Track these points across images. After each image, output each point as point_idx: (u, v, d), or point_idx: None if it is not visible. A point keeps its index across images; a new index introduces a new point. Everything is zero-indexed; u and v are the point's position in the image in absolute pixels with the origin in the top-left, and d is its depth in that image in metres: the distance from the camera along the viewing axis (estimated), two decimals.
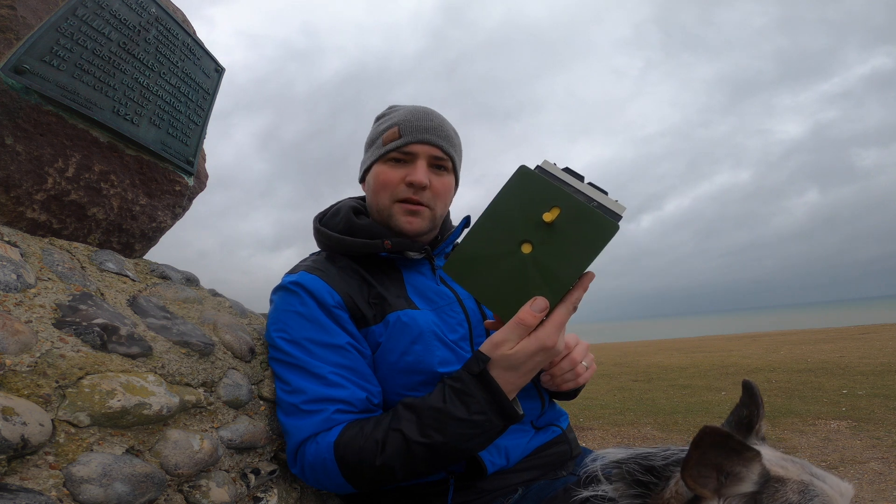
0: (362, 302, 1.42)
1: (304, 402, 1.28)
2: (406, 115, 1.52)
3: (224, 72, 2.14)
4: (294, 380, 1.32)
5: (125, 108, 1.59)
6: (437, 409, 1.15)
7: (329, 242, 1.56)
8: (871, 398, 6.41)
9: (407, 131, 1.50)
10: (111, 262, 1.42)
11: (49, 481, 0.83)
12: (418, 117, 1.52)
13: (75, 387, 0.92)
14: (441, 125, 1.54)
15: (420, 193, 1.50)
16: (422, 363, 1.37)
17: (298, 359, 1.33)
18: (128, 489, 0.91)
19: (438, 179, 1.55)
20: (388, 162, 1.52)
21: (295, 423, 1.29)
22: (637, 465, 0.84)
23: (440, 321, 1.46)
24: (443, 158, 1.54)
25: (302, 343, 1.34)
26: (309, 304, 1.37)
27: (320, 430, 1.25)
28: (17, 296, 1.00)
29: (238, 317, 1.65)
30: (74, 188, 1.46)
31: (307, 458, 1.25)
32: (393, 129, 1.52)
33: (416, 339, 1.39)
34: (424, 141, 1.50)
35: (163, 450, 1.03)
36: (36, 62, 1.34)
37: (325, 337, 1.34)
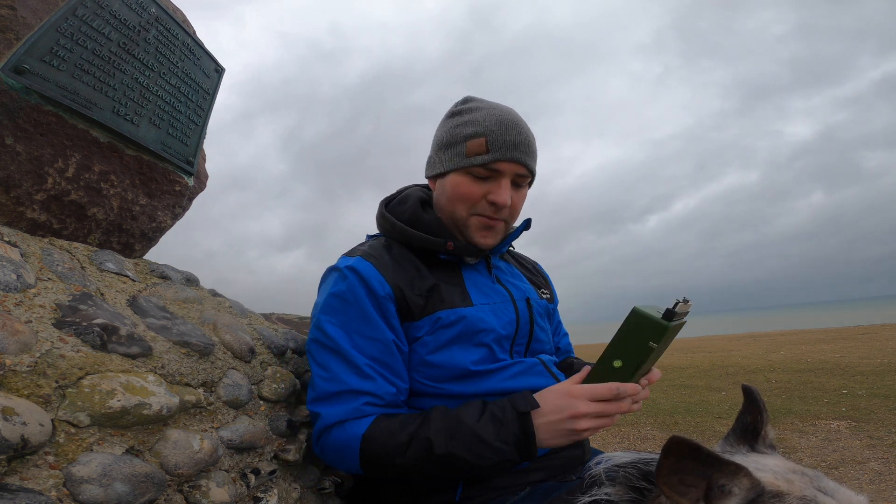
0: (412, 295, 1.40)
1: (338, 391, 1.30)
2: (493, 125, 1.44)
3: (224, 72, 2.14)
4: (333, 366, 1.33)
5: (125, 108, 1.59)
6: (469, 425, 1.21)
7: (392, 231, 1.54)
8: (871, 398, 6.41)
9: (495, 147, 1.42)
10: (111, 262, 1.42)
11: (49, 481, 0.83)
12: (506, 129, 1.43)
13: (75, 387, 0.92)
14: (528, 139, 1.47)
15: (500, 212, 1.47)
16: (455, 360, 1.39)
17: (340, 346, 1.33)
18: (128, 489, 0.91)
19: (517, 194, 1.50)
20: (471, 175, 1.46)
21: (326, 409, 1.31)
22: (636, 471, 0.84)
23: (494, 317, 1.47)
24: (526, 176, 1.49)
25: (346, 331, 1.35)
26: (359, 292, 1.36)
27: (349, 418, 1.28)
28: (17, 296, 1.00)
29: (238, 317, 1.65)
30: (74, 188, 1.46)
31: (331, 440, 1.29)
32: (480, 140, 1.43)
33: (456, 339, 1.40)
34: (513, 160, 1.42)
35: (163, 450, 1.03)
36: (36, 62, 1.34)
37: (367, 329, 1.34)
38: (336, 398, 1.31)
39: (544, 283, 1.84)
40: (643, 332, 1.19)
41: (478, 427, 1.21)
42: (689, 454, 0.70)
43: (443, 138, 1.54)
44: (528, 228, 1.63)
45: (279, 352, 1.62)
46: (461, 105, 1.56)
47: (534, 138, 1.50)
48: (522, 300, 1.57)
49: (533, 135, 1.50)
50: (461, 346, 1.41)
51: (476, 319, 1.43)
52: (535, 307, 1.60)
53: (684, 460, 0.70)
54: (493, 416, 1.22)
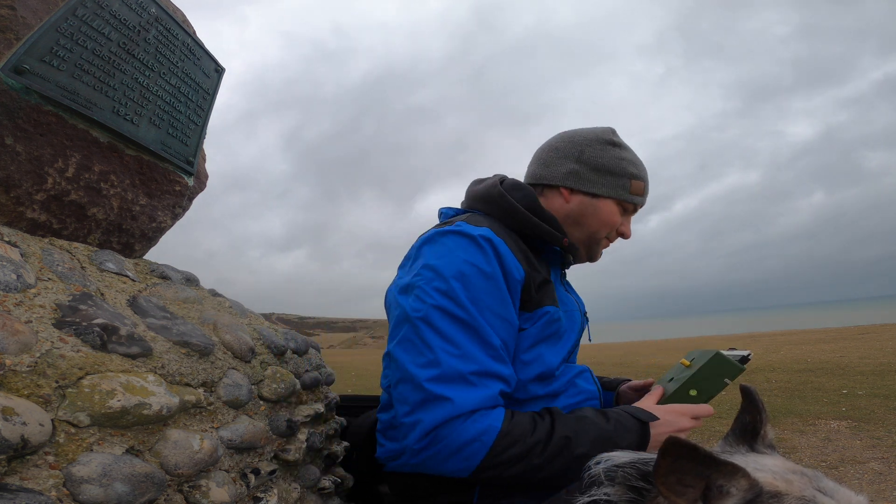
0: (533, 284, 1.37)
1: (474, 373, 1.18)
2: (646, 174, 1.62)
3: (224, 72, 2.15)
4: (465, 343, 1.20)
5: (125, 109, 1.59)
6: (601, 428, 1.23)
7: (510, 213, 1.48)
8: (870, 398, 6.41)
9: (646, 193, 1.63)
10: (111, 262, 1.42)
11: (49, 481, 0.83)
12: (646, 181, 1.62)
13: (75, 387, 0.92)
14: None
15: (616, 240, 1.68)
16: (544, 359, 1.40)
17: (476, 320, 1.21)
18: (128, 489, 0.91)
19: None
20: (622, 207, 1.61)
21: (458, 393, 1.16)
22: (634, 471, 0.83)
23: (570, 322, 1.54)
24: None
25: (480, 307, 1.23)
26: (495, 266, 1.28)
27: (484, 406, 1.17)
28: (17, 296, 1.00)
29: (238, 317, 1.65)
30: (74, 188, 1.46)
31: (458, 431, 1.14)
32: (641, 183, 1.60)
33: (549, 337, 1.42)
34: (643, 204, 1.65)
35: (163, 450, 1.03)
36: (36, 62, 1.34)
37: (502, 309, 1.26)
38: (470, 380, 1.18)
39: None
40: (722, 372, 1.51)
41: (612, 433, 1.21)
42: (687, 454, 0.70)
43: (603, 164, 1.58)
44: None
45: (279, 352, 1.62)
46: (615, 137, 1.63)
47: None
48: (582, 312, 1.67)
49: None
50: (550, 345, 1.42)
51: (567, 322, 1.49)
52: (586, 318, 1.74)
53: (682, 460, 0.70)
54: (619, 422, 1.25)
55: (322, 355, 2.03)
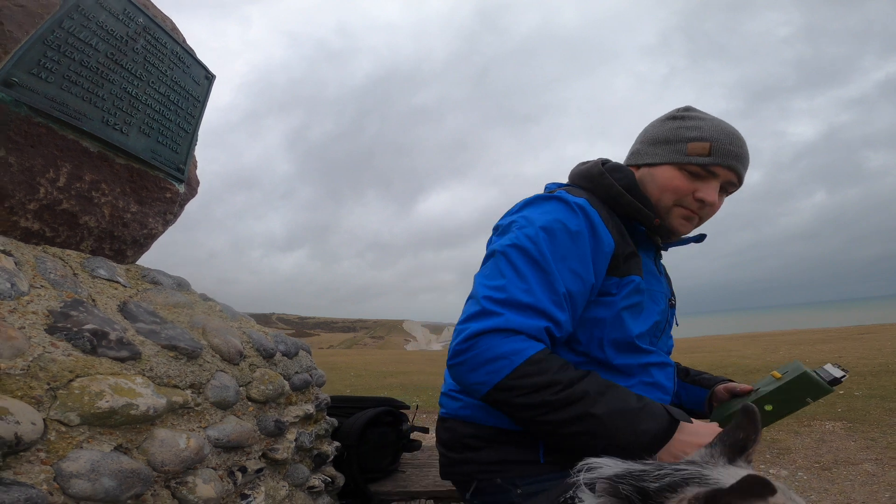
0: (621, 253, 1.44)
1: (530, 306, 1.27)
2: (718, 134, 1.53)
3: (214, 79, 2.17)
4: (533, 280, 1.30)
5: (114, 118, 1.63)
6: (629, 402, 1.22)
7: (607, 190, 1.55)
8: (867, 399, 6.39)
9: (718, 153, 1.51)
10: (103, 269, 1.46)
11: (41, 476, 0.88)
12: (731, 140, 1.53)
13: (66, 388, 0.97)
14: (746, 154, 1.56)
15: (702, 209, 1.56)
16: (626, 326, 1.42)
17: (549, 266, 1.32)
18: (115, 484, 0.95)
19: (720, 199, 1.59)
20: (685, 170, 1.54)
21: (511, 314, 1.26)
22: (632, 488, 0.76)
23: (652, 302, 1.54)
24: (735, 184, 1.59)
25: (557, 256, 1.34)
26: (583, 229, 1.38)
27: (527, 332, 1.25)
28: (10, 303, 1.04)
29: (228, 321, 1.69)
30: (66, 197, 1.50)
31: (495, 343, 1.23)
32: (704, 144, 1.52)
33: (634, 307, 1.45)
34: (731, 167, 1.52)
35: (150, 447, 1.08)
36: (24, 75, 1.37)
37: (578, 266, 1.35)
38: (525, 309, 1.27)
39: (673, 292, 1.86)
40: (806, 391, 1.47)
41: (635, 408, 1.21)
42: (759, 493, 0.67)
43: (659, 135, 1.61)
44: (700, 242, 1.73)
45: (268, 354, 1.66)
46: (683, 112, 1.63)
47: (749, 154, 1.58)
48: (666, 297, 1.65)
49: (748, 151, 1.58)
50: (634, 315, 1.45)
51: (648, 291, 1.51)
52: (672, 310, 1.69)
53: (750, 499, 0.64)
54: (650, 409, 1.22)
55: (322, 355, 2.07)
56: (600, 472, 0.82)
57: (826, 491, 3.81)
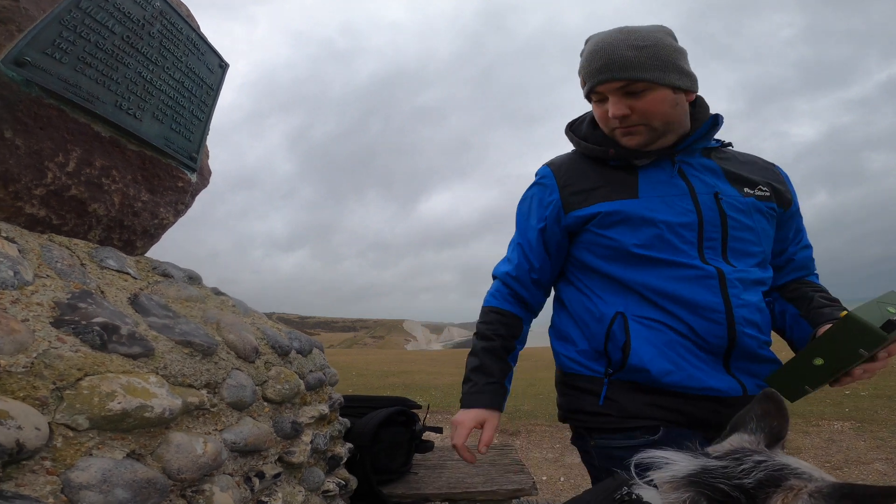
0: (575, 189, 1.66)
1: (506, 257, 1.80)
2: (584, 60, 1.62)
3: (228, 67, 2.12)
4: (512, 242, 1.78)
5: (128, 103, 1.56)
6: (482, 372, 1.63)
7: (577, 147, 1.78)
8: (874, 399, 6.40)
9: (587, 77, 1.60)
10: (112, 260, 1.39)
11: (46, 487, 0.80)
12: (591, 59, 1.59)
13: (74, 388, 0.89)
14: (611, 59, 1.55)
15: (627, 121, 1.59)
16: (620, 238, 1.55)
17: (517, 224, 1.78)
18: (129, 495, 0.88)
19: (639, 101, 1.56)
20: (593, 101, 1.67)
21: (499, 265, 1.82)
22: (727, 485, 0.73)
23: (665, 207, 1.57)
24: (627, 85, 1.55)
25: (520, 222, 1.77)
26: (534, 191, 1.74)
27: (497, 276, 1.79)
28: (13, 293, 0.97)
29: (241, 316, 1.62)
30: (75, 183, 1.43)
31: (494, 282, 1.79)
32: (581, 76, 1.64)
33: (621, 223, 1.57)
34: (601, 82, 1.56)
35: (165, 454, 1.00)
36: (38, 54, 1.31)
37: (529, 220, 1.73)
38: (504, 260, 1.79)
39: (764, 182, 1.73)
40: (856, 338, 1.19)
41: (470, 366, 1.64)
42: None
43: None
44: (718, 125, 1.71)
45: (283, 352, 1.59)
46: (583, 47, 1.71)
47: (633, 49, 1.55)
48: (707, 193, 1.59)
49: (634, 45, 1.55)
50: (626, 227, 1.56)
51: (637, 209, 1.55)
52: (725, 200, 1.59)
53: None
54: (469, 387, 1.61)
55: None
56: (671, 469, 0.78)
57: None
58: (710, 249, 1.53)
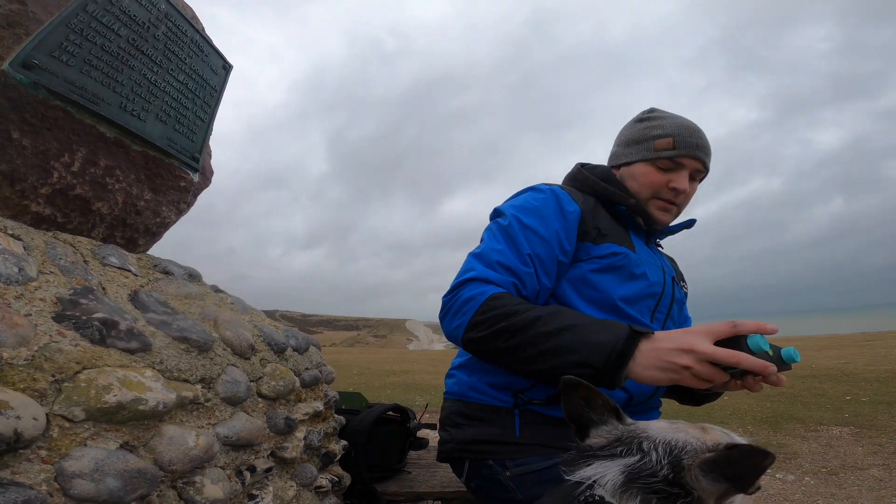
0: (592, 221, 1.64)
1: (498, 262, 1.51)
2: (679, 129, 1.72)
3: (231, 69, 2.15)
4: (505, 245, 1.55)
5: (132, 104, 1.60)
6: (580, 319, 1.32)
7: (586, 182, 1.79)
8: (874, 405, 6.38)
9: (682, 145, 1.70)
10: (114, 257, 1.43)
11: (40, 475, 0.84)
12: (690, 133, 1.71)
13: (72, 381, 0.93)
14: (707, 144, 1.75)
15: (678, 197, 1.74)
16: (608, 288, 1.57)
17: (516, 234, 1.55)
18: (119, 484, 0.92)
19: (692, 186, 1.77)
20: (655, 165, 1.73)
21: (481, 267, 1.51)
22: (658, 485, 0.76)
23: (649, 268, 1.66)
24: (702, 171, 1.77)
25: (526, 226, 1.57)
26: (550, 204, 1.61)
27: (494, 282, 1.46)
28: (17, 289, 1.01)
29: (239, 313, 1.66)
30: (80, 182, 1.47)
31: (466, 289, 1.45)
32: (667, 139, 1.71)
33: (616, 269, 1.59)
34: (695, 157, 1.71)
35: (157, 445, 1.04)
36: (45, 57, 1.35)
37: (543, 230, 1.56)
38: (495, 266, 1.51)
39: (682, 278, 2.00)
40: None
41: (589, 323, 1.30)
42: None
43: (630, 137, 1.83)
44: (690, 227, 1.91)
45: (279, 349, 1.63)
46: (648, 114, 1.85)
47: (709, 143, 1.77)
48: (669, 276, 1.77)
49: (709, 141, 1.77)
50: (617, 276, 1.59)
51: (637, 261, 1.62)
52: (676, 287, 1.80)
53: None
54: (609, 324, 1.28)
55: (324, 353, 2.04)
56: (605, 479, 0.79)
57: (833, 496, 3.80)
58: (657, 321, 1.68)
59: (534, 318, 1.32)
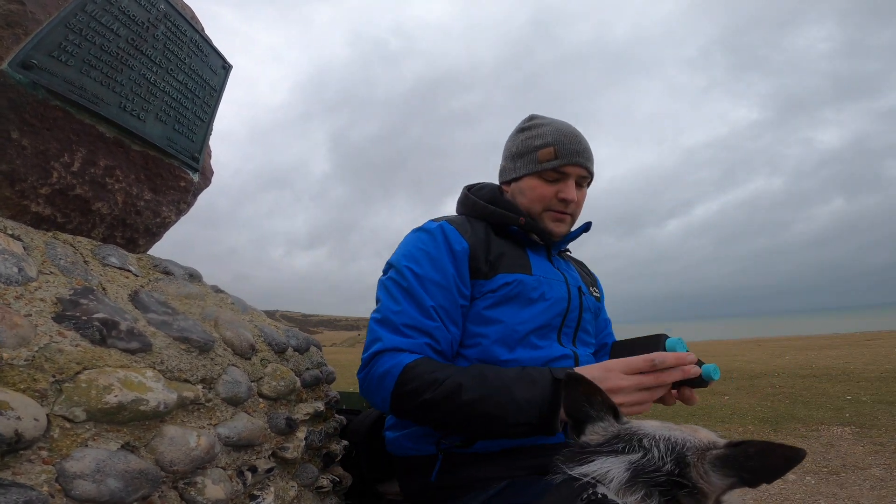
0: (483, 256, 1.61)
1: (404, 324, 1.46)
2: (559, 137, 1.71)
3: (231, 69, 2.15)
4: (403, 302, 1.51)
5: (132, 104, 1.60)
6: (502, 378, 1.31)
7: (474, 208, 1.78)
8: (875, 404, 6.38)
9: (563, 154, 1.69)
10: (114, 257, 1.43)
11: (42, 476, 0.83)
12: (570, 140, 1.71)
13: (72, 381, 0.93)
14: (588, 148, 1.75)
15: (568, 207, 1.73)
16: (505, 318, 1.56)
17: (415, 288, 1.51)
18: (121, 485, 0.91)
19: (581, 193, 1.77)
20: (542, 177, 1.72)
21: (388, 335, 1.46)
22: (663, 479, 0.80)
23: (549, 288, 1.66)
24: (587, 177, 1.77)
25: (422, 277, 1.53)
26: (441, 248, 1.58)
27: (406, 349, 1.42)
28: (17, 289, 1.01)
29: (239, 314, 1.65)
30: (79, 182, 1.47)
31: (378, 364, 1.42)
32: (549, 149, 1.70)
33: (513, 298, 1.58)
34: (576, 163, 1.70)
35: (159, 446, 1.04)
36: (44, 57, 1.35)
37: (440, 278, 1.53)
38: (402, 330, 1.46)
39: (594, 283, 2.03)
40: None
41: (511, 382, 1.29)
42: None
43: (515, 150, 1.82)
44: (588, 230, 1.89)
45: (280, 349, 1.62)
46: (528, 122, 1.84)
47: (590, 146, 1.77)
48: (575, 287, 1.76)
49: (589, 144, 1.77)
50: (513, 306, 1.58)
51: (533, 284, 1.61)
52: (585, 296, 1.79)
53: None
54: (530, 377, 1.30)
55: (324, 353, 2.04)
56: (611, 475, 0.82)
57: (835, 496, 3.81)
58: (566, 336, 1.68)
59: (455, 387, 1.31)
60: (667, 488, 0.77)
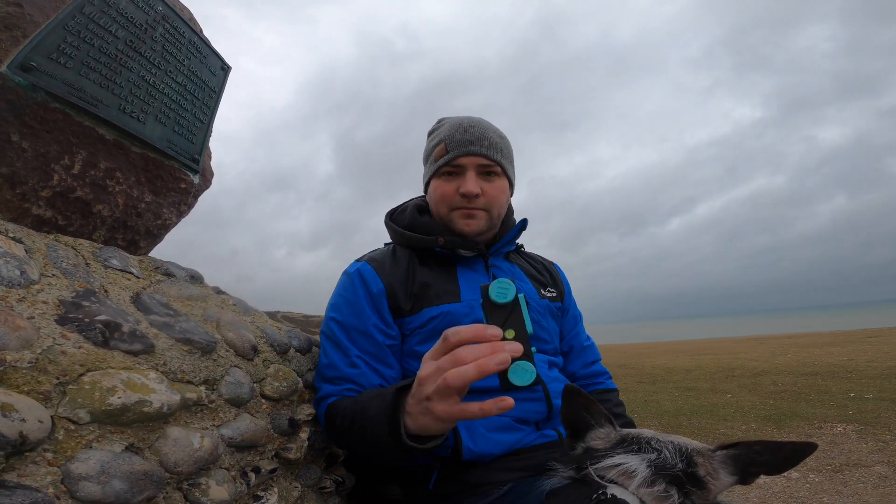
0: (403, 293, 1.59)
1: (332, 374, 1.53)
2: (451, 131, 1.66)
3: (230, 70, 2.15)
4: (331, 354, 1.56)
5: (131, 106, 1.60)
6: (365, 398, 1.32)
7: (395, 236, 1.76)
8: (878, 402, 6.37)
9: (452, 146, 1.64)
10: (115, 259, 1.43)
11: (47, 478, 0.83)
12: (462, 130, 1.65)
13: (76, 383, 0.93)
14: (483, 135, 1.66)
15: (474, 201, 1.64)
16: None
17: (339, 339, 1.55)
18: (126, 486, 0.91)
19: (490, 185, 1.67)
20: (442, 176, 1.68)
21: (322, 386, 1.55)
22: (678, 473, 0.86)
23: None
24: (489, 165, 1.66)
25: (345, 326, 1.56)
26: (359, 292, 1.58)
27: (332, 396, 1.49)
28: (20, 292, 1.01)
29: (241, 315, 1.65)
30: (80, 185, 1.47)
31: (320, 412, 1.52)
32: (440, 145, 1.66)
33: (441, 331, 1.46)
34: (469, 153, 1.63)
35: (162, 447, 1.04)
36: (43, 59, 1.35)
37: (360, 324, 1.55)
38: (331, 380, 1.53)
39: (552, 281, 1.92)
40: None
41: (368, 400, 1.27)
42: None
43: (424, 155, 1.81)
44: (525, 229, 1.84)
45: (282, 350, 1.62)
46: (434, 126, 1.81)
47: (497, 134, 1.70)
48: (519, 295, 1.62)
49: (497, 132, 1.70)
50: None
51: (460, 315, 1.56)
52: (534, 301, 1.73)
53: None
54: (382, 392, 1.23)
55: None
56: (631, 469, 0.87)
57: (839, 493, 3.81)
58: None
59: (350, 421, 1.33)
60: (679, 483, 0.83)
